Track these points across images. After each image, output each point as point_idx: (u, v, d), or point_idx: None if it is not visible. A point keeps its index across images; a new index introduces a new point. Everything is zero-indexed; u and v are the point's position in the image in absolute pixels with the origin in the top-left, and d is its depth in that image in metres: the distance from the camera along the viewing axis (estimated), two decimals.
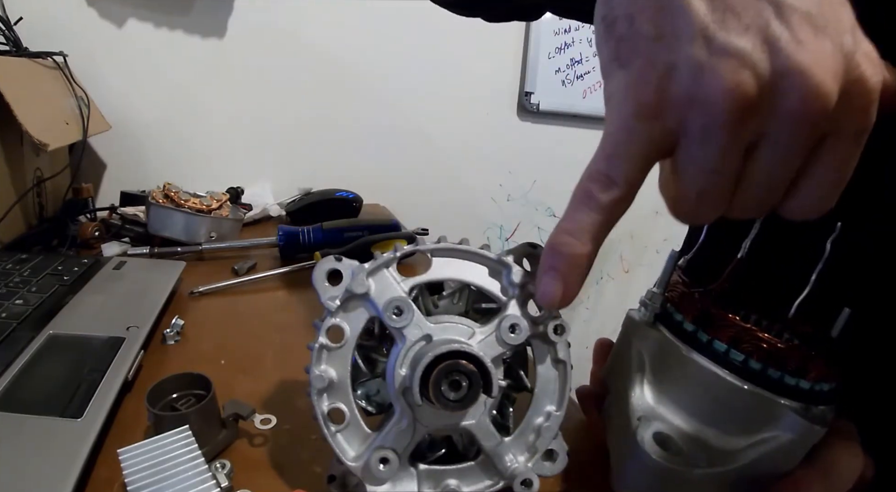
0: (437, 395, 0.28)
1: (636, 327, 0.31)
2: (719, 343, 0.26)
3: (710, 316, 0.27)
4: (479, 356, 0.28)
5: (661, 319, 0.30)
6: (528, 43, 1.25)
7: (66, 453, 0.34)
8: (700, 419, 0.28)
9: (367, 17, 1.12)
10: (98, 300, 0.56)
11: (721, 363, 0.27)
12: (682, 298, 0.28)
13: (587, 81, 1.33)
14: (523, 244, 0.34)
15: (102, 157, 1.04)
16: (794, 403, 0.26)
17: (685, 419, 0.28)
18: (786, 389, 0.26)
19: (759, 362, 0.26)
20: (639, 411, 0.29)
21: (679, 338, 0.28)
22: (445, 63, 1.21)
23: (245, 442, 0.39)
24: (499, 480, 0.33)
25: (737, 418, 0.27)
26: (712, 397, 0.27)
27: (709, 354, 0.27)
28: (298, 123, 1.14)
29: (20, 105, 0.64)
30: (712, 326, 0.27)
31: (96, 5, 0.96)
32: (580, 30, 1.28)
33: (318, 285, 0.31)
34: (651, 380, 0.29)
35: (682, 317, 0.28)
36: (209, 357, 0.51)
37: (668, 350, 0.28)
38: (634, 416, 0.29)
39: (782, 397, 0.26)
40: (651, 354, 0.29)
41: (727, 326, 0.26)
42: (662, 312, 0.30)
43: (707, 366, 0.27)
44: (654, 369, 0.29)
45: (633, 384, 0.29)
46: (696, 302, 0.28)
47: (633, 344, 0.31)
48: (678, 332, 0.28)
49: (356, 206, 1.00)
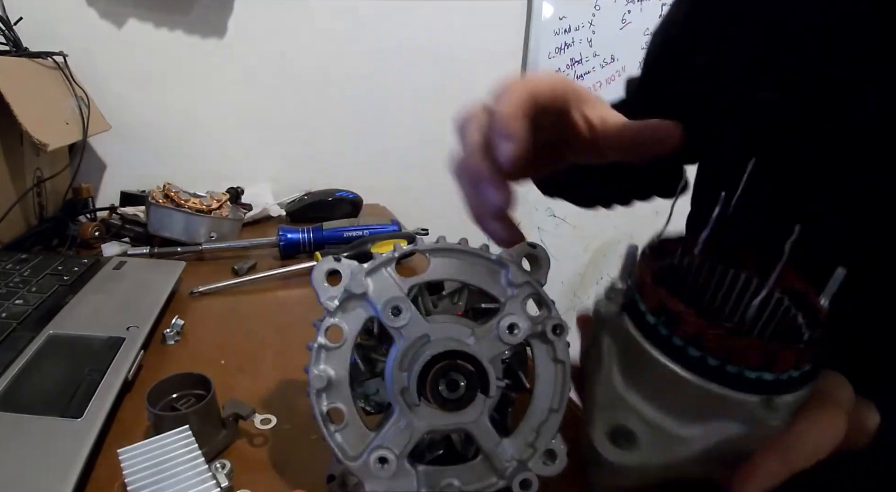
0: (435, 394, 0.28)
1: (602, 320, 0.31)
2: (677, 339, 0.26)
3: (668, 310, 0.27)
4: (476, 356, 0.29)
5: (628, 308, 0.29)
6: (528, 43, 1.25)
7: (66, 453, 0.34)
8: (661, 409, 0.28)
9: (367, 17, 1.12)
10: (98, 300, 0.56)
11: (679, 359, 0.27)
12: (645, 287, 0.28)
13: (587, 81, 1.33)
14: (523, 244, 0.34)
15: (102, 157, 1.04)
16: (754, 396, 0.26)
17: (648, 407, 0.28)
18: (746, 383, 0.26)
19: (717, 360, 0.26)
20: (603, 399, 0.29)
21: (641, 330, 0.28)
22: (446, 63, 1.20)
23: (245, 442, 0.39)
24: (498, 480, 0.33)
25: (694, 409, 0.27)
26: (671, 390, 0.27)
27: (667, 348, 0.27)
28: (298, 123, 1.14)
29: (20, 105, 0.64)
30: (673, 320, 0.27)
31: (96, 5, 0.96)
32: (580, 30, 1.28)
33: (318, 286, 0.31)
34: (619, 369, 0.29)
35: (646, 308, 0.28)
36: (209, 357, 0.51)
37: (630, 343, 0.28)
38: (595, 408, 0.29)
39: (742, 391, 0.26)
40: (618, 345, 0.29)
41: (686, 322, 0.26)
42: (628, 301, 0.30)
43: (665, 362, 0.27)
44: (620, 359, 0.29)
45: (602, 372, 0.30)
46: (656, 293, 0.27)
47: (602, 335, 0.31)
48: (641, 324, 0.28)
49: (356, 206, 1.00)
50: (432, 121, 1.24)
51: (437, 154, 1.36)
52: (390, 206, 1.14)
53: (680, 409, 0.28)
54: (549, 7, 1.23)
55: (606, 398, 0.29)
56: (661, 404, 0.28)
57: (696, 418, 0.27)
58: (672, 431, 0.28)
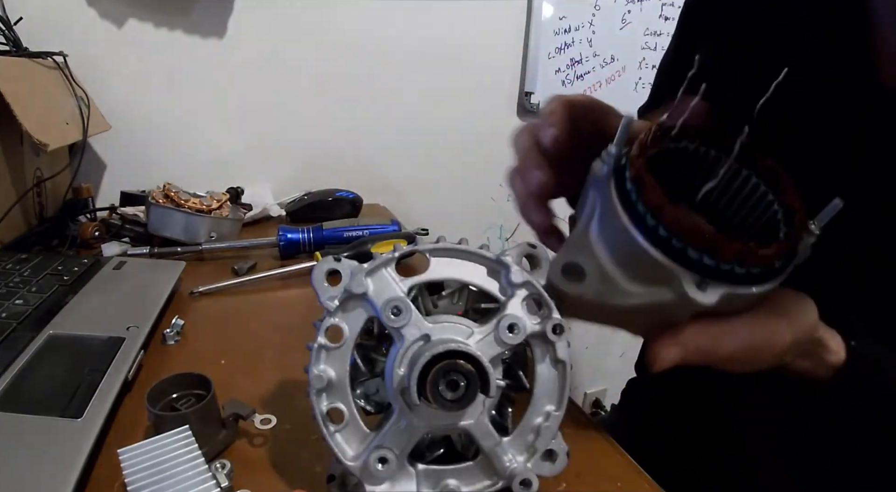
0: (435, 394, 0.28)
1: (594, 177, 0.33)
2: (641, 206, 0.29)
3: (642, 180, 0.29)
4: (476, 356, 0.29)
5: (616, 172, 0.32)
6: (528, 43, 1.25)
7: (66, 453, 0.34)
8: (614, 261, 0.31)
9: (367, 18, 1.12)
10: (98, 300, 0.56)
11: (638, 224, 0.29)
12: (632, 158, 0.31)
13: (587, 81, 1.33)
14: (523, 244, 0.34)
15: (102, 157, 1.04)
16: (691, 274, 0.29)
17: (606, 257, 0.31)
18: (687, 260, 0.29)
19: (667, 232, 0.28)
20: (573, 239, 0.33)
21: (618, 192, 0.31)
22: (445, 63, 1.20)
23: (245, 442, 0.39)
24: (498, 480, 0.33)
25: (640, 270, 0.30)
26: (626, 248, 0.30)
27: (632, 213, 0.30)
28: (298, 123, 1.14)
29: (20, 105, 0.64)
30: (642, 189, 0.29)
31: (96, 5, 0.96)
32: (580, 30, 1.28)
33: (318, 286, 0.31)
34: (596, 220, 0.32)
35: (628, 175, 0.31)
36: (209, 357, 0.51)
37: (608, 202, 0.31)
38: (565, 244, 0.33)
39: (681, 265, 0.29)
40: (600, 200, 0.32)
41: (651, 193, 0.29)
42: (618, 166, 0.32)
43: (626, 224, 0.30)
44: (599, 212, 0.32)
45: (581, 219, 0.33)
46: (637, 164, 0.30)
47: (590, 188, 0.34)
48: (620, 187, 0.31)
49: (356, 206, 1.00)
50: (432, 121, 1.24)
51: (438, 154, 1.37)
52: (390, 206, 1.14)
53: (629, 266, 0.31)
54: (549, 7, 1.23)
55: (576, 239, 0.32)
56: (616, 257, 0.31)
57: (639, 277, 0.31)
58: (617, 281, 0.31)
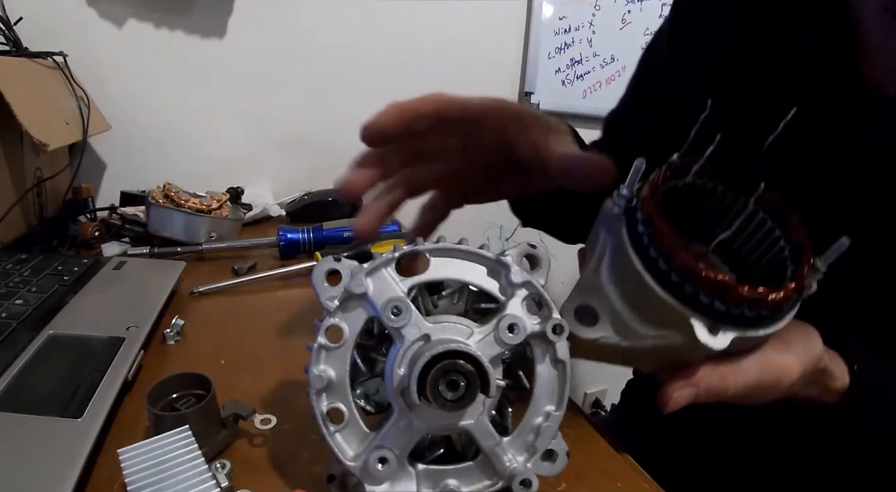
0: (435, 395, 0.28)
1: (604, 215, 0.34)
2: (653, 250, 0.30)
3: (654, 224, 0.30)
4: (476, 356, 0.29)
5: (627, 213, 0.32)
6: (528, 43, 1.25)
7: (66, 453, 0.34)
8: (627, 303, 0.31)
9: (366, 17, 1.12)
10: (98, 300, 0.56)
11: (650, 268, 0.30)
12: (643, 199, 0.31)
13: (587, 81, 1.33)
14: (523, 244, 0.34)
15: (102, 157, 1.04)
16: (702, 318, 0.29)
17: (618, 300, 0.32)
18: (699, 305, 0.29)
19: (679, 277, 0.29)
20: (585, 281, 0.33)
21: (630, 235, 0.31)
22: (445, 63, 1.20)
23: (245, 442, 0.39)
24: (498, 480, 0.33)
25: (652, 313, 0.31)
26: (639, 291, 0.31)
27: (644, 256, 0.30)
28: (298, 123, 1.14)
29: (20, 105, 0.64)
30: (655, 233, 0.30)
31: (96, 5, 0.96)
32: (580, 30, 1.28)
33: (318, 286, 0.31)
34: (607, 261, 0.32)
35: (640, 217, 0.31)
36: (209, 357, 0.51)
37: (619, 242, 0.32)
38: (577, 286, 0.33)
39: (692, 310, 0.29)
40: (611, 241, 0.32)
41: (663, 237, 0.29)
42: (629, 207, 0.32)
43: (638, 267, 0.30)
44: (610, 253, 0.32)
45: (592, 259, 0.33)
46: (650, 206, 0.30)
47: (601, 229, 0.34)
48: (632, 229, 0.31)
49: (356, 206, 1.00)
50: None
51: None
52: None
53: (642, 309, 0.31)
54: (549, 7, 1.23)
55: (588, 281, 0.33)
56: (629, 300, 0.31)
57: (651, 320, 0.31)
58: (630, 324, 0.31)
